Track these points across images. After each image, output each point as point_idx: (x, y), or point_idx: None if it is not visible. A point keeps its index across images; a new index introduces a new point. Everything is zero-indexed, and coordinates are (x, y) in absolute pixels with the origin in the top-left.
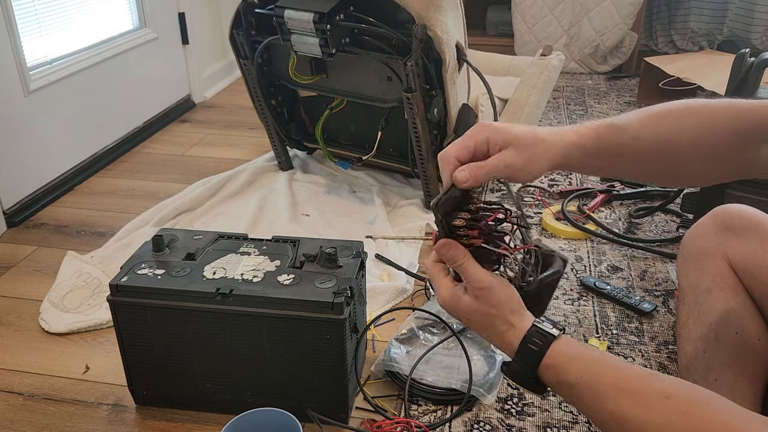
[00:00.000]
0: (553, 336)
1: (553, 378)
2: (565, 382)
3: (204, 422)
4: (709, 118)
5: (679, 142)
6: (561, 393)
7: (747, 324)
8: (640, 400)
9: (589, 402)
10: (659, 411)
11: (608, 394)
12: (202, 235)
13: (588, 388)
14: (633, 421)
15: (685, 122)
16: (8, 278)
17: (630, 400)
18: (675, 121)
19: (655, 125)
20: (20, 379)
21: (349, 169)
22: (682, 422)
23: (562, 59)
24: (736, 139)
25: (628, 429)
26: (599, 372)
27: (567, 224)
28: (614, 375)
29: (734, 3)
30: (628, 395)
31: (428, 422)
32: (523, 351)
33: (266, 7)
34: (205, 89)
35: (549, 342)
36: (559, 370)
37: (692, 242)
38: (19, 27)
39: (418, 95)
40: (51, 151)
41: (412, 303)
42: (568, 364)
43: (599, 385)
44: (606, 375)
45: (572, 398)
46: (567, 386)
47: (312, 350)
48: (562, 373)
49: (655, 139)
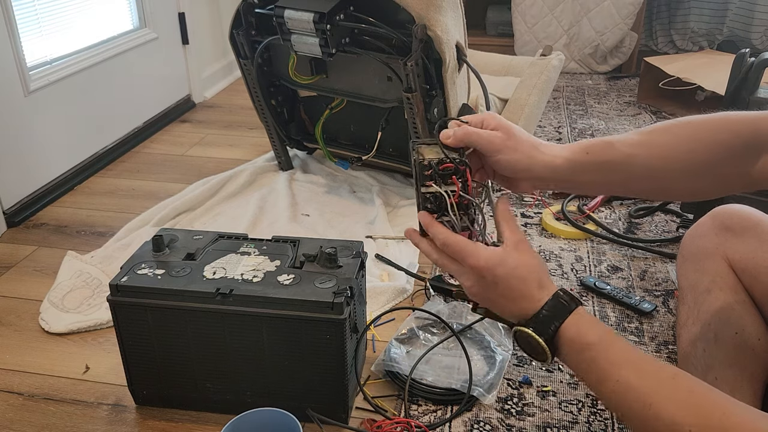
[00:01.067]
0: (578, 301)
1: (574, 335)
2: (585, 341)
3: (204, 422)
4: (701, 133)
5: (672, 157)
6: (572, 355)
7: (747, 324)
8: (650, 373)
9: (602, 366)
10: (667, 386)
11: (618, 361)
12: (202, 235)
13: (605, 351)
14: (638, 389)
15: (677, 138)
16: (8, 278)
17: (639, 371)
18: (667, 137)
19: (647, 141)
20: (20, 379)
21: (349, 169)
22: (687, 399)
23: (562, 59)
24: (728, 153)
25: (633, 398)
26: (612, 341)
27: (567, 224)
28: (625, 346)
29: (734, 3)
30: (638, 367)
31: (428, 422)
32: (554, 302)
33: (266, 7)
34: (205, 89)
35: (575, 304)
36: (581, 328)
37: (692, 242)
38: (19, 27)
39: (418, 95)
40: (51, 151)
41: (412, 303)
42: (590, 325)
43: (612, 352)
44: (618, 345)
45: (582, 363)
46: (584, 346)
47: (312, 350)
48: (584, 332)
49: (648, 153)
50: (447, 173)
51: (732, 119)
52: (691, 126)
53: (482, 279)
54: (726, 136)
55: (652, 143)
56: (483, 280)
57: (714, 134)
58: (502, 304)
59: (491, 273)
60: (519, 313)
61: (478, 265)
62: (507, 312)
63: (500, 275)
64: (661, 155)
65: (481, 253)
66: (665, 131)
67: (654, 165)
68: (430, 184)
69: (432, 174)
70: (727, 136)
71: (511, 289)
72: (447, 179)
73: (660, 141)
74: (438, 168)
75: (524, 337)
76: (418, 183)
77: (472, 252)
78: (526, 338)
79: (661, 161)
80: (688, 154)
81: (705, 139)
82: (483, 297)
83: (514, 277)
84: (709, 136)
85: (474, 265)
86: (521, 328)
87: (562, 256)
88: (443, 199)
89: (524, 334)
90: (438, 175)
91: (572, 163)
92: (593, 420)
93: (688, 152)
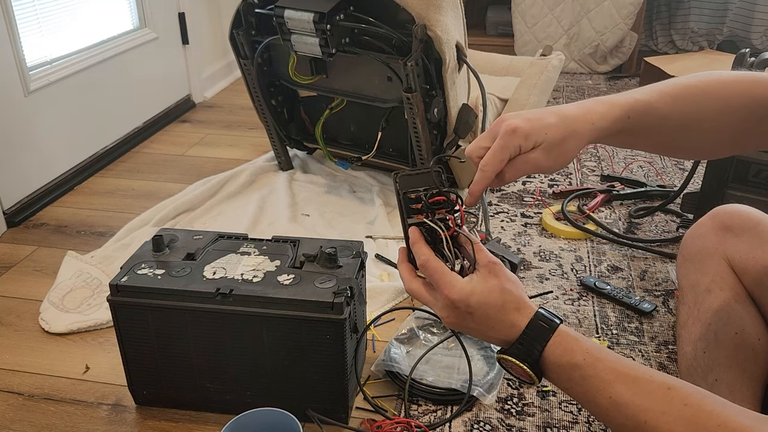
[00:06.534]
0: (559, 318)
1: (559, 356)
2: (572, 361)
3: (204, 422)
4: (728, 97)
5: (701, 120)
6: (560, 375)
7: (747, 324)
8: (643, 387)
9: (592, 384)
10: (661, 400)
11: (608, 378)
12: (202, 235)
13: (593, 368)
14: (632, 406)
15: (707, 101)
16: (8, 278)
17: (631, 386)
18: (697, 100)
19: (680, 104)
20: (20, 379)
21: (349, 169)
22: (682, 412)
23: (562, 59)
24: (750, 117)
25: (627, 414)
26: (600, 357)
27: (567, 224)
28: (615, 361)
29: (734, 3)
30: (629, 381)
31: (428, 422)
32: (534, 326)
33: (266, 7)
34: (205, 89)
35: (557, 322)
36: (566, 349)
37: (692, 242)
38: (19, 27)
39: (418, 95)
40: (51, 151)
41: (412, 303)
42: (574, 344)
43: (601, 369)
44: (607, 360)
45: (571, 382)
46: (571, 367)
47: (312, 350)
48: (569, 352)
49: (683, 115)
50: (437, 206)
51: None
52: (713, 84)
53: (456, 309)
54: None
55: (682, 103)
56: (457, 311)
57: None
58: (481, 332)
59: (464, 303)
60: (500, 339)
61: (451, 296)
62: (487, 338)
63: (474, 305)
64: (690, 114)
65: (455, 284)
66: (690, 91)
67: (684, 124)
68: (419, 217)
69: (423, 207)
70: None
71: (488, 317)
72: (436, 211)
73: (690, 101)
74: (428, 201)
75: (508, 364)
76: (405, 215)
77: (448, 282)
78: (510, 365)
79: (690, 121)
80: (713, 113)
81: (726, 97)
82: (461, 326)
83: (489, 305)
84: (729, 94)
85: (447, 295)
86: (504, 356)
87: (562, 256)
88: (435, 233)
89: (508, 361)
90: (428, 208)
91: (614, 128)
92: (593, 420)
93: (713, 111)
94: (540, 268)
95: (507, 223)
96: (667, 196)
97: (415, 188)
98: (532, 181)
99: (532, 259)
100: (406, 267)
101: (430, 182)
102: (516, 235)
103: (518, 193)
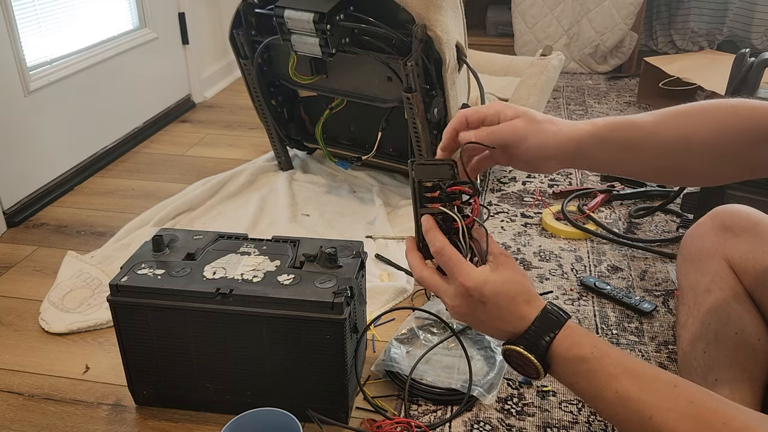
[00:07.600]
0: (566, 314)
1: (566, 349)
2: (579, 354)
3: (204, 422)
4: (723, 119)
5: (693, 141)
6: (567, 369)
7: (747, 324)
8: (649, 383)
9: (599, 378)
10: (667, 396)
11: (615, 372)
12: (202, 235)
13: (600, 362)
14: (638, 401)
15: (700, 122)
16: (8, 278)
17: (637, 381)
18: (690, 120)
19: (670, 123)
20: (20, 379)
21: (349, 169)
22: (688, 410)
23: (562, 59)
24: (748, 140)
25: (632, 409)
26: (608, 351)
27: (567, 224)
28: (621, 356)
29: (734, 3)
30: (636, 376)
31: (428, 422)
32: (543, 318)
33: (266, 7)
34: (205, 89)
35: (566, 317)
36: (573, 342)
37: (692, 242)
38: (19, 27)
39: (418, 95)
40: (51, 151)
41: (412, 303)
42: (582, 338)
43: (608, 363)
44: (614, 355)
45: (577, 376)
46: (578, 360)
47: (312, 350)
48: (577, 345)
49: (671, 135)
50: (455, 196)
51: (748, 106)
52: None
53: (469, 298)
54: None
55: (671, 124)
56: (470, 299)
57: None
58: (489, 323)
59: (479, 292)
60: (508, 330)
61: (466, 284)
62: (495, 330)
63: (488, 294)
64: (680, 134)
65: (470, 272)
66: (683, 113)
67: (673, 144)
68: (435, 206)
69: (440, 195)
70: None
71: (499, 308)
72: (453, 201)
73: (678, 121)
74: (446, 189)
75: (514, 355)
76: (418, 204)
77: (463, 270)
78: (516, 356)
79: (680, 141)
80: (706, 135)
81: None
82: (469, 316)
83: (502, 295)
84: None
85: (462, 282)
86: (511, 346)
87: (562, 256)
88: (448, 223)
89: (514, 352)
90: (446, 196)
91: (597, 138)
92: (593, 420)
93: (706, 133)
94: (540, 268)
95: (507, 223)
96: (667, 196)
97: (431, 178)
98: (532, 181)
99: (532, 259)
100: (416, 255)
101: (445, 173)
102: (516, 235)
103: (518, 193)
